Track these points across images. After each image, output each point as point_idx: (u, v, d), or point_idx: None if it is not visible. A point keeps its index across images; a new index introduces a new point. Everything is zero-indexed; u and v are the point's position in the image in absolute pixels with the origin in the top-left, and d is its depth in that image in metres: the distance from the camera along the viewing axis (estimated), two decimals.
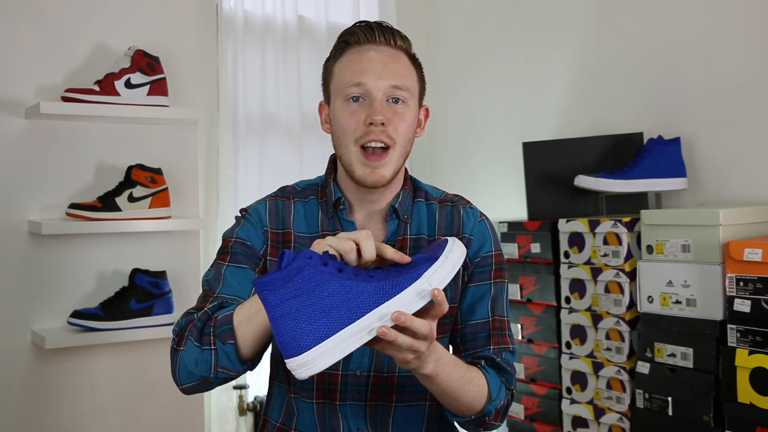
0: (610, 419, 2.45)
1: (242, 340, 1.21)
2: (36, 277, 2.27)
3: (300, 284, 1.05)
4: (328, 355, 1.04)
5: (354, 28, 1.38)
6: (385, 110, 1.33)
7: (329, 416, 1.38)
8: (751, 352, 2.03)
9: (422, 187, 1.49)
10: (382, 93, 1.33)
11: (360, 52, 1.36)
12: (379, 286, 1.07)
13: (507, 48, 3.33)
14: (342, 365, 1.36)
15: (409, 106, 1.37)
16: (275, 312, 1.05)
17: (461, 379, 1.24)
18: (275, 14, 3.19)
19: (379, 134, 1.32)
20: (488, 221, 1.47)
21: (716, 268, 2.16)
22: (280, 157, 3.19)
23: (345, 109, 1.35)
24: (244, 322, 1.21)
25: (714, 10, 2.57)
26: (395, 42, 1.38)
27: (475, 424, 1.32)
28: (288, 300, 1.05)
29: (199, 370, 1.25)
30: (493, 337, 1.39)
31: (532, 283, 2.71)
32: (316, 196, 1.45)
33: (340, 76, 1.37)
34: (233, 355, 1.22)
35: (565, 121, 3.07)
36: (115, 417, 2.36)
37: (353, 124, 1.34)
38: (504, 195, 3.28)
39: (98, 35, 2.38)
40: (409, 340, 1.08)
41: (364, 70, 1.33)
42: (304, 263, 1.07)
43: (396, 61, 1.36)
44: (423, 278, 1.08)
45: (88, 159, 2.35)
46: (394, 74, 1.34)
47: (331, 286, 1.06)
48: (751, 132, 2.47)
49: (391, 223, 1.41)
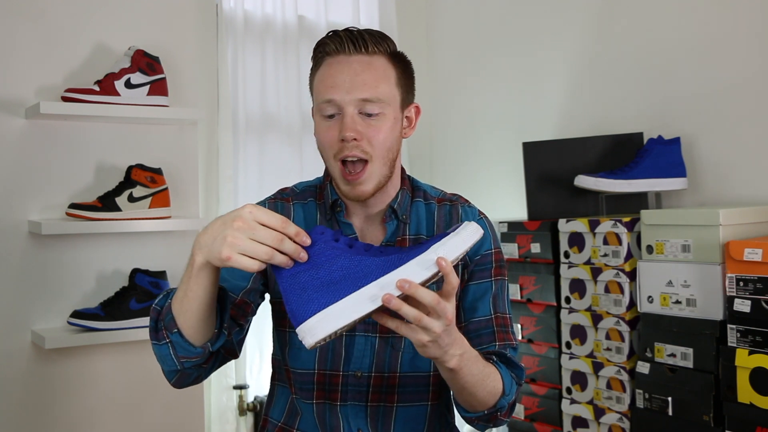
0: (610, 419, 2.45)
1: (185, 326, 1.20)
2: (36, 277, 2.27)
3: (311, 258, 1.10)
4: (331, 320, 1.07)
5: (325, 38, 1.37)
6: (357, 124, 1.32)
7: (329, 417, 1.38)
8: (751, 352, 2.03)
9: (421, 187, 1.48)
10: (353, 107, 1.32)
11: (331, 65, 1.35)
12: (388, 260, 1.10)
13: (507, 48, 3.33)
14: (342, 366, 1.36)
15: (384, 116, 1.34)
16: (286, 283, 1.10)
17: (481, 374, 1.24)
18: (275, 14, 3.19)
19: (353, 149, 1.32)
20: (487, 220, 1.47)
21: (716, 268, 2.16)
22: (280, 157, 3.19)
23: (322, 125, 1.36)
24: (180, 309, 1.19)
25: (714, 10, 2.57)
26: (367, 48, 1.34)
27: (486, 419, 1.32)
28: (299, 272, 1.09)
29: (167, 365, 1.27)
30: (497, 334, 1.39)
31: (532, 283, 2.71)
32: (315, 198, 1.45)
33: (316, 90, 1.37)
34: (184, 342, 1.21)
35: (565, 121, 3.07)
36: (115, 417, 2.36)
37: (329, 139, 1.34)
38: (504, 195, 3.28)
39: (98, 35, 2.38)
40: (414, 311, 1.07)
41: (333, 84, 1.33)
42: (316, 238, 1.11)
43: (367, 71, 1.33)
44: (430, 250, 1.10)
45: (88, 159, 2.35)
46: (363, 86, 1.32)
47: (340, 261, 1.10)
48: (751, 132, 2.47)
49: (390, 224, 1.41)
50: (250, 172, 3.14)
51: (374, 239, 1.41)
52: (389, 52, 1.37)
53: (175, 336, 1.21)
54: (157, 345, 1.25)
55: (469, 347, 1.20)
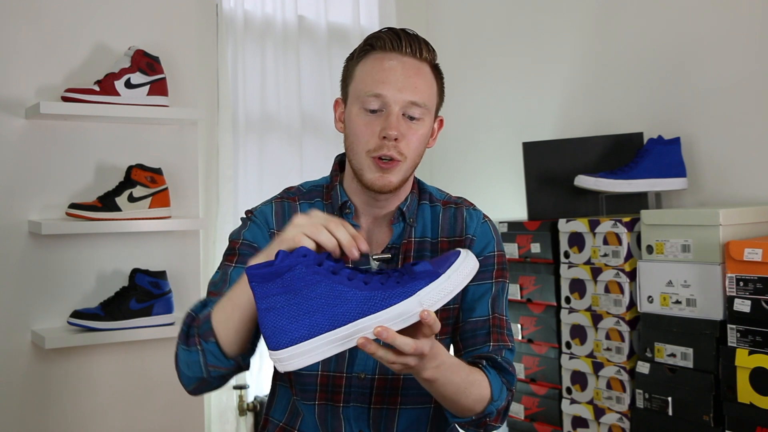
0: (610, 419, 2.45)
1: (223, 337, 1.21)
2: (36, 277, 2.27)
3: (288, 282, 1.05)
4: (304, 357, 1.04)
5: (381, 33, 1.36)
6: (401, 125, 1.32)
7: (330, 419, 1.37)
8: (751, 352, 2.03)
9: (427, 189, 1.49)
10: (400, 107, 1.32)
11: (383, 59, 1.33)
12: (370, 296, 1.05)
13: (507, 48, 3.33)
14: (346, 367, 1.36)
15: (424, 123, 1.35)
16: (260, 304, 1.05)
17: (463, 382, 1.23)
18: (275, 14, 3.19)
19: (391, 149, 1.31)
20: (491, 223, 1.48)
21: (716, 268, 2.16)
22: (280, 157, 3.19)
23: (361, 117, 1.34)
24: (223, 319, 1.20)
25: (714, 10, 2.57)
26: (421, 53, 1.35)
27: (476, 425, 1.31)
28: (274, 295, 1.05)
29: (192, 371, 1.26)
30: (492, 335, 1.38)
31: (532, 283, 2.71)
32: (322, 198, 1.44)
33: (360, 81, 1.35)
34: (218, 352, 1.22)
35: (565, 121, 3.07)
36: (116, 417, 2.36)
37: (367, 134, 1.33)
38: (504, 195, 3.28)
39: (98, 35, 2.38)
40: (391, 356, 1.07)
41: (384, 80, 1.32)
42: (296, 261, 1.05)
43: (418, 75, 1.34)
44: (415, 297, 1.05)
45: (88, 159, 2.35)
46: (415, 89, 1.32)
47: (320, 288, 1.04)
48: (751, 132, 2.47)
49: (396, 225, 1.41)
50: (250, 172, 3.13)
51: (380, 241, 1.41)
52: (434, 63, 1.39)
53: (210, 345, 1.22)
54: (186, 350, 1.25)
55: (446, 357, 1.19)
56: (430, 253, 1.42)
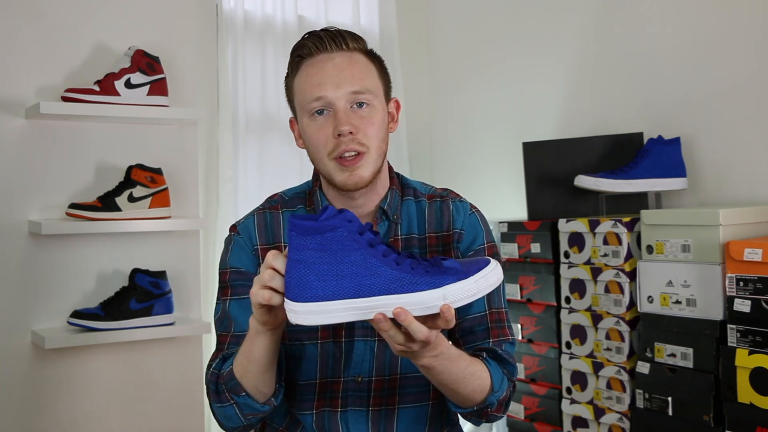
0: (610, 419, 2.45)
1: (251, 389, 1.26)
2: (36, 277, 2.27)
3: (328, 241, 1.07)
4: (320, 315, 1.07)
5: (304, 40, 1.36)
6: (351, 118, 1.31)
7: (328, 424, 1.37)
8: (751, 352, 2.03)
9: (410, 185, 1.47)
10: (344, 101, 1.32)
11: (314, 64, 1.34)
12: (399, 277, 1.07)
13: (507, 48, 3.33)
14: (343, 371, 1.36)
15: (375, 108, 1.35)
16: (293, 254, 1.08)
17: (462, 373, 1.23)
18: (275, 14, 3.19)
19: (349, 143, 1.31)
20: (479, 213, 1.46)
21: (716, 268, 2.16)
22: (280, 157, 3.19)
23: (312, 124, 1.34)
24: (245, 374, 1.25)
25: (714, 10, 2.57)
26: (347, 45, 1.35)
27: (477, 415, 1.31)
28: (309, 249, 1.07)
29: (232, 423, 1.31)
30: (492, 330, 1.38)
31: (532, 283, 2.71)
32: (304, 204, 1.44)
33: (300, 92, 1.35)
34: (251, 402, 1.27)
35: (565, 121, 3.07)
36: (115, 417, 2.36)
37: (323, 138, 1.33)
38: (504, 195, 3.28)
39: (98, 35, 2.38)
40: (401, 337, 1.09)
41: (321, 82, 1.32)
42: (339, 223, 1.07)
43: (352, 65, 1.34)
44: (441, 290, 1.07)
45: (88, 159, 2.35)
46: (352, 79, 1.32)
47: (354, 256, 1.06)
48: (751, 132, 2.47)
49: (381, 225, 1.40)
50: (250, 172, 3.13)
51: None
52: (365, 50, 1.39)
53: (242, 398, 1.26)
54: (221, 407, 1.29)
55: (447, 347, 1.19)
56: (419, 249, 1.41)
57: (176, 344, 2.44)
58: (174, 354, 2.44)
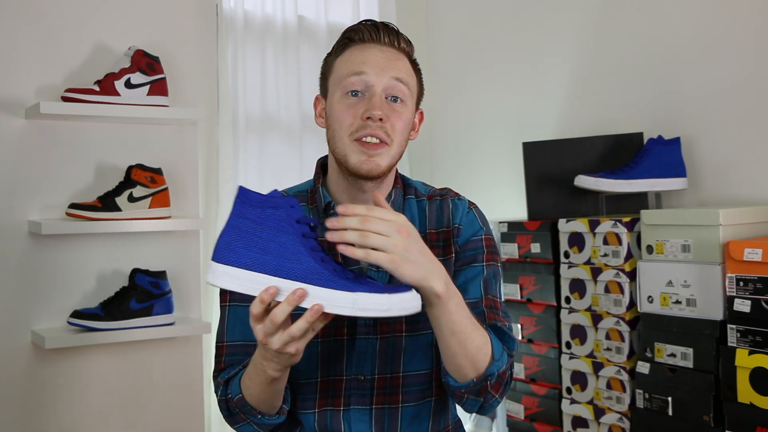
0: (610, 419, 2.45)
1: (264, 408, 1.29)
2: (36, 277, 2.27)
3: (266, 217, 1.12)
4: (233, 281, 1.11)
5: (359, 25, 1.37)
6: (384, 107, 1.32)
7: (331, 423, 1.37)
8: (751, 352, 2.03)
9: (412, 184, 1.48)
10: (382, 88, 1.32)
11: (362, 49, 1.35)
12: (319, 271, 1.10)
13: (507, 48, 3.33)
14: (345, 370, 1.36)
15: (407, 106, 1.36)
16: (232, 220, 1.13)
17: (470, 321, 1.23)
18: (275, 14, 3.19)
19: (376, 129, 1.31)
20: (477, 209, 1.47)
21: (716, 268, 2.16)
22: (280, 157, 3.19)
23: (343, 101, 1.33)
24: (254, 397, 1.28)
25: (713, 10, 2.57)
26: (399, 44, 1.37)
27: (476, 392, 1.27)
28: (247, 219, 1.12)
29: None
30: (487, 314, 1.37)
31: (532, 283, 2.71)
32: (307, 202, 1.44)
33: (340, 67, 1.35)
34: (267, 417, 1.31)
35: (565, 121, 3.07)
36: (115, 417, 2.36)
37: (350, 117, 1.32)
38: (504, 195, 3.28)
39: (98, 35, 2.38)
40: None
41: (365, 61, 1.33)
42: (282, 204, 1.13)
43: (398, 60, 1.36)
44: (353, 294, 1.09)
45: (88, 159, 2.35)
46: (397, 69, 1.34)
47: (285, 238, 1.11)
48: (751, 132, 2.47)
49: None
50: (250, 172, 3.14)
51: None
52: (412, 57, 1.41)
53: (258, 417, 1.31)
54: (238, 425, 1.34)
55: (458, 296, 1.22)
56: None
57: (176, 344, 2.44)
58: (174, 354, 2.44)
